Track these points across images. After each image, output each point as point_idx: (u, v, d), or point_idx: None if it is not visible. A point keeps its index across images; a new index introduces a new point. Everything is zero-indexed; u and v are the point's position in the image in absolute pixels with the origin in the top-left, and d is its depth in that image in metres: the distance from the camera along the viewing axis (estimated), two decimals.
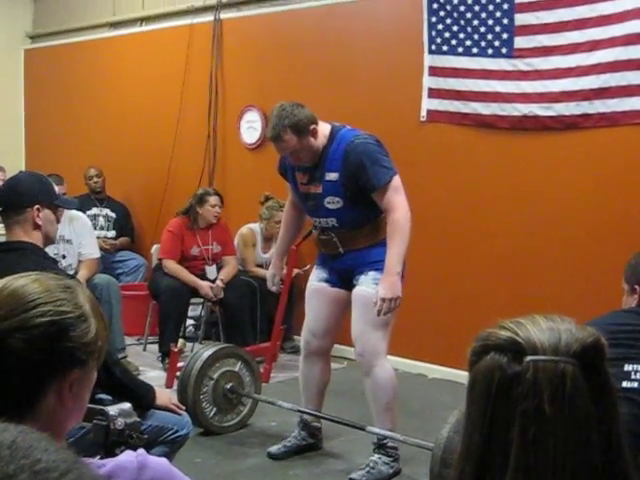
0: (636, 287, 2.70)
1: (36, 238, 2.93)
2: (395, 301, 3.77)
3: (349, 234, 3.98)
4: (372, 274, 3.90)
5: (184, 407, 3.25)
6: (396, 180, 3.85)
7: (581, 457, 1.08)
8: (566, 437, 1.08)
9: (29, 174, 3.23)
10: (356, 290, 3.98)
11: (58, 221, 3.12)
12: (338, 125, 4.02)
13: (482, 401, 1.13)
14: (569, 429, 1.08)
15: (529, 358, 1.11)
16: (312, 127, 3.88)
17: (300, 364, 4.32)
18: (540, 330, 1.13)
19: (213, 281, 6.11)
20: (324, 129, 3.96)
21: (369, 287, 3.90)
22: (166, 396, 3.13)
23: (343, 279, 4.07)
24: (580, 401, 1.09)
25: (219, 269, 6.27)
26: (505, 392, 1.11)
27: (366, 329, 3.94)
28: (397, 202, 3.81)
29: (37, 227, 2.94)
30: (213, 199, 6.26)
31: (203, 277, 6.17)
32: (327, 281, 4.12)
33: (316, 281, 4.17)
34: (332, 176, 3.90)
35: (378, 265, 3.86)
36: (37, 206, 2.94)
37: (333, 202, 3.93)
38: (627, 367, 2.48)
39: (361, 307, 3.94)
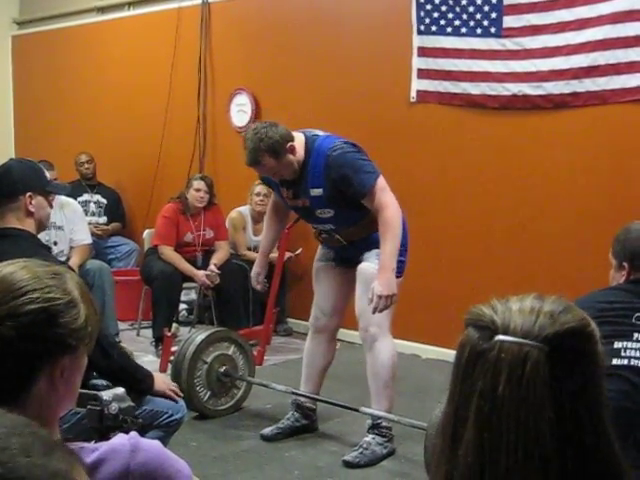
0: (624, 264, 2.71)
1: (29, 225, 2.93)
2: (391, 298, 3.77)
3: (348, 230, 4.02)
4: (376, 251, 3.89)
5: (182, 394, 3.26)
6: (381, 181, 3.83)
7: (533, 442, 1.07)
8: (518, 421, 1.07)
9: (20, 161, 3.21)
10: (361, 265, 4.01)
11: (51, 207, 3.12)
12: (310, 134, 3.99)
13: (453, 375, 1.15)
14: (521, 413, 1.07)
15: (498, 337, 1.10)
16: (289, 145, 3.84)
17: (307, 342, 4.36)
18: (521, 311, 1.13)
19: (202, 268, 6.12)
20: (299, 141, 3.92)
21: (373, 262, 3.91)
22: (165, 383, 3.13)
23: (349, 260, 4.11)
24: (536, 388, 1.08)
25: (211, 254, 6.27)
26: (470, 368, 1.11)
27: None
28: (386, 201, 3.80)
29: (30, 214, 2.93)
30: (196, 183, 6.27)
31: (195, 264, 6.17)
32: (333, 260, 4.18)
33: (323, 261, 4.23)
34: (316, 192, 3.91)
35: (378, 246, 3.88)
36: (29, 193, 2.93)
37: (324, 213, 3.97)
38: (617, 344, 2.49)
39: (365, 282, 3.94)
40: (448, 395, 1.17)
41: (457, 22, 5.49)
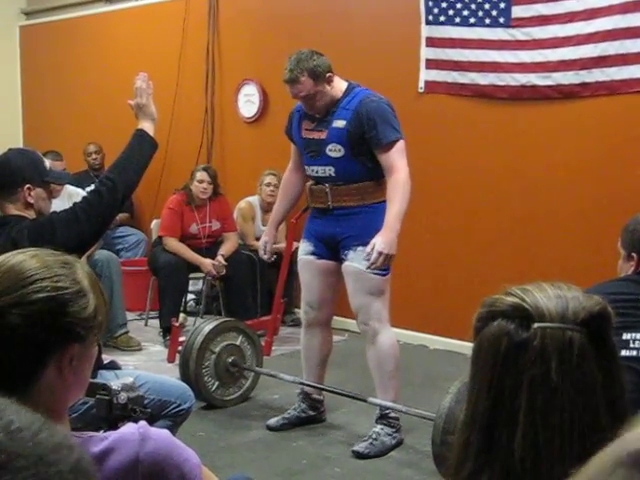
0: (633, 254, 2.70)
1: (30, 216, 2.92)
2: (390, 258, 3.77)
3: (342, 188, 3.97)
4: (361, 249, 3.88)
5: None
6: (401, 144, 3.88)
7: (589, 423, 1.09)
8: (573, 404, 1.08)
9: (18, 152, 3.16)
10: (348, 267, 3.99)
11: (52, 195, 3.10)
12: (355, 83, 4.07)
13: (488, 368, 1.13)
14: (576, 396, 1.09)
15: (537, 325, 1.10)
16: (328, 75, 3.93)
17: (301, 336, 4.35)
18: (547, 297, 1.13)
19: (213, 258, 6.11)
20: (340, 83, 4.01)
21: (360, 264, 3.90)
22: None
23: (329, 248, 4.07)
24: (587, 369, 1.09)
25: (219, 245, 6.27)
26: (512, 359, 1.11)
27: (367, 299, 3.96)
28: (400, 164, 3.84)
29: (30, 206, 2.92)
30: (199, 174, 6.25)
31: (202, 255, 6.16)
32: (313, 253, 4.13)
33: (303, 254, 4.18)
34: (339, 123, 3.93)
35: (365, 239, 3.83)
36: (28, 185, 2.91)
37: (335, 150, 3.94)
38: (625, 336, 2.48)
39: (356, 281, 3.96)
40: (474, 392, 1.15)
41: (466, 12, 5.48)
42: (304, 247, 4.19)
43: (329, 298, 4.21)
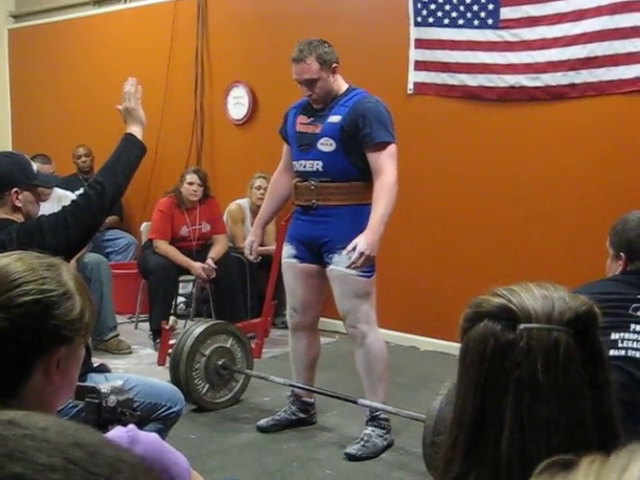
0: (621, 254, 2.71)
1: (18, 219, 2.91)
2: (371, 260, 3.78)
3: (328, 185, 3.96)
4: (345, 253, 3.86)
5: None
6: (393, 148, 3.89)
7: (575, 423, 1.09)
8: (560, 404, 1.09)
9: (5, 155, 3.13)
10: (333, 270, 3.97)
11: (40, 199, 3.08)
12: (355, 86, 4.13)
13: (475, 369, 1.14)
14: (562, 396, 1.09)
15: (523, 326, 1.11)
16: (334, 65, 3.99)
17: (289, 339, 4.35)
18: (533, 298, 1.14)
19: (203, 260, 6.10)
20: (343, 83, 4.07)
21: (344, 268, 3.90)
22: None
23: (311, 251, 4.06)
24: (573, 369, 1.10)
25: (210, 247, 6.26)
26: (498, 360, 1.11)
27: (354, 302, 3.96)
28: (389, 168, 3.84)
29: (17, 209, 2.91)
30: (189, 177, 6.24)
31: (191, 257, 6.15)
32: (296, 257, 4.12)
33: (286, 258, 4.17)
34: (335, 118, 3.95)
35: (349, 242, 3.82)
36: (15, 189, 2.90)
37: (326, 144, 3.94)
38: (614, 335, 2.49)
39: (342, 284, 3.96)
40: (461, 393, 1.16)
41: (454, 14, 5.49)
42: (286, 250, 4.18)
43: (313, 301, 4.20)
